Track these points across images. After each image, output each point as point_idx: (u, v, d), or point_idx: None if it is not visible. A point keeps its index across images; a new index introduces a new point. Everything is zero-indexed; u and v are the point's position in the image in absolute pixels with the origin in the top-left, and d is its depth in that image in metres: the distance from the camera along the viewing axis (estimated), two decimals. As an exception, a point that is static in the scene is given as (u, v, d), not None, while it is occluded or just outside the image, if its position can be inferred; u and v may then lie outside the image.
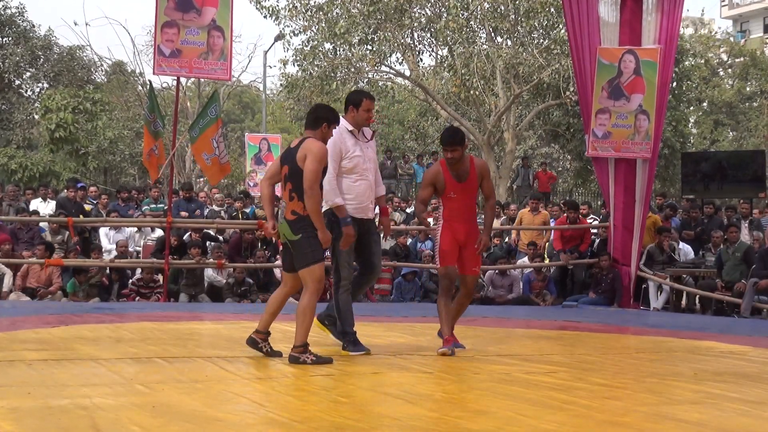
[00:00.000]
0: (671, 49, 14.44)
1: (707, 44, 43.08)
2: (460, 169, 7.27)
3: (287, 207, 6.45)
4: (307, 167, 6.32)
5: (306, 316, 6.46)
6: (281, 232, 6.52)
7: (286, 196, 6.49)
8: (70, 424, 4.11)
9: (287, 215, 6.44)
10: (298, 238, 6.39)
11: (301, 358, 6.34)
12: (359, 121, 7.30)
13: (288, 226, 6.43)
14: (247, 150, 25.09)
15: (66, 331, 8.32)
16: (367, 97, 7.39)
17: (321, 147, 6.43)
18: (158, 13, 12.75)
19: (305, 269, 6.43)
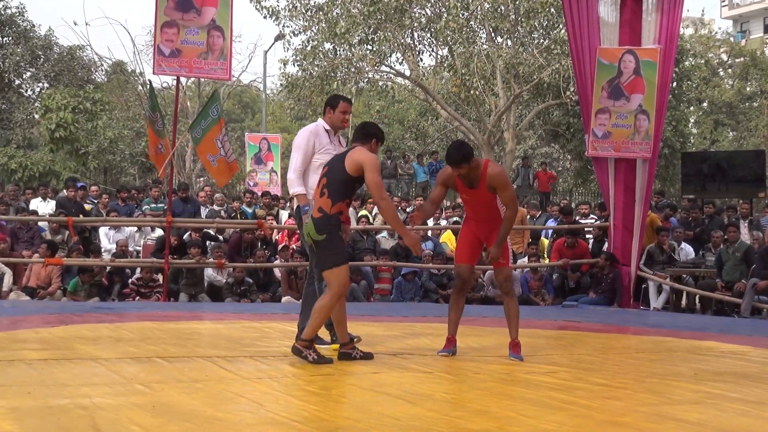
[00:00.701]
0: (671, 49, 14.44)
1: (707, 44, 43.12)
2: (472, 177, 7.06)
3: (316, 203, 6.43)
4: (371, 180, 6.38)
5: (321, 315, 6.40)
6: (306, 232, 6.48)
7: (317, 192, 6.48)
8: (70, 423, 4.11)
9: (314, 213, 6.42)
10: (323, 238, 6.37)
11: (304, 352, 6.34)
12: (335, 122, 7.57)
13: (313, 225, 6.40)
14: (247, 150, 25.07)
15: (66, 331, 8.31)
16: (344, 100, 7.67)
17: (374, 157, 6.52)
18: (158, 12, 12.75)
19: (329, 271, 6.40)
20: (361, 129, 6.82)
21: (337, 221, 6.39)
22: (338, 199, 6.41)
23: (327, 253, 6.40)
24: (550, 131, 30.27)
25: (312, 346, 6.41)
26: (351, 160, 6.41)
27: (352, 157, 6.43)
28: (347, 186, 6.44)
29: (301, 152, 7.49)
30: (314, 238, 6.39)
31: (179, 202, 15.93)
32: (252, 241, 15.05)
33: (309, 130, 7.59)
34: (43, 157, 28.83)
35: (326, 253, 6.40)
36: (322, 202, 6.41)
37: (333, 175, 6.45)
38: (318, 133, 7.56)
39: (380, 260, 15.00)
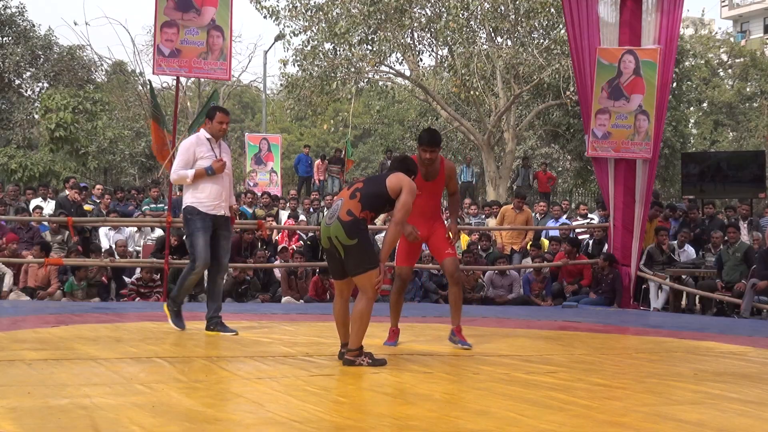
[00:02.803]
0: (671, 49, 14.45)
1: (707, 45, 43.14)
2: (431, 168, 7.50)
3: (345, 204, 6.35)
4: (403, 200, 6.40)
5: (362, 321, 6.35)
6: (332, 233, 6.33)
7: (347, 194, 6.43)
8: (69, 423, 4.11)
9: (342, 215, 6.30)
10: (354, 243, 6.28)
11: (357, 361, 6.29)
12: (214, 131, 8.55)
13: (342, 228, 6.29)
14: (247, 150, 25.08)
15: (66, 331, 8.31)
16: (221, 111, 8.67)
17: (414, 184, 6.53)
18: (158, 12, 12.74)
19: (363, 275, 6.34)
20: (404, 163, 6.80)
21: (365, 225, 6.36)
22: (367, 207, 6.37)
23: (358, 258, 6.33)
24: (550, 131, 30.27)
25: (362, 352, 6.36)
26: (395, 180, 6.44)
27: (398, 177, 6.48)
28: (380, 201, 6.43)
29: (183, 158, 8.49)
30: (344, 243, 6.28)
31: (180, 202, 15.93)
32: (252, 241, 15.05)
33: (191, 140, 8.57)
34: (43, 157, 28.82)
35: (358, 258, 6.33)
36: (352, 204, 6.33)
37: (370, 188, 6.46)
38: (199, 142, 8.51)
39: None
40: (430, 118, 32.84)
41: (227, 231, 8.70)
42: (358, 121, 39.89)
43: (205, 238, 8.38)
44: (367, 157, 45.98)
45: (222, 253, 8.59)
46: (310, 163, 25.38)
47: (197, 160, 8.42)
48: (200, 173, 8.38)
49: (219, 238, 8.54)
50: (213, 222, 8.45)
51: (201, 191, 8.43)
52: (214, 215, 8.45)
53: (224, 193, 8.55)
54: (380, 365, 6.31)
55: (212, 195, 8.45)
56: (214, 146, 8.51)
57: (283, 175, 26.50)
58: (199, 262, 8.39)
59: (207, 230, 8.40)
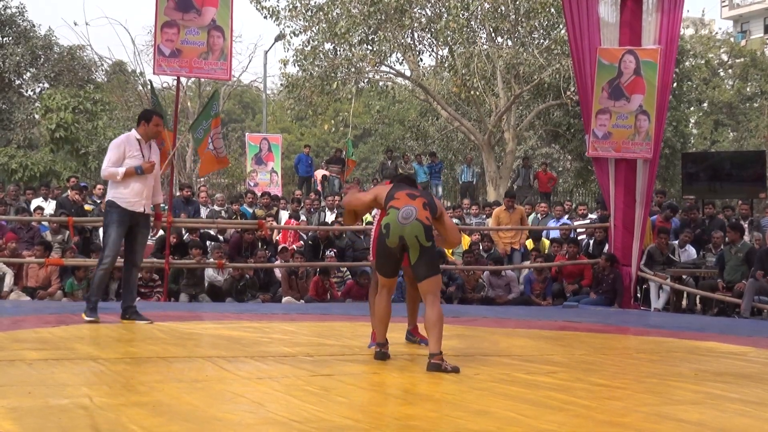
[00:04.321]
0: (672, 49, 14.45)
1: (707, 45, 43.11)
2: None
3: (420, 212, 6.46)
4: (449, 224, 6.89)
5: (441, 324, 6.43)
6: (412, 233, 6.40)
7: (420, 203, 6.55)
8: (70, 423, 4.11)
9: (422, 218, 6.44)
10: (430, 245, 6.43)
11: (443, 365, 6.25)
12: (149, 133, 9.13)
13: (423, 229, 6.41)
14: (248, 150, 25.05)
15: (66, 331, 8.31)
16: (157, 115, 9.37)
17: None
18: (158, 12, 12.74)
19: (432, 278, 6.47)
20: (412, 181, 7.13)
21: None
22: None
23: (431, 262, 6.47)
24: (550, 132, 30.26)
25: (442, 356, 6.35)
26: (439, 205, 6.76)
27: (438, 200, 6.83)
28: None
29: (114, 155, 8.91)
30: (423, 244, 6.38)
31: (180, 202, 15.93)
32: (252, 241, 15.06)
33: (122, 139, 9.08)
34: (44, 157, 28.78)
35: (430, 262, 6.47)
36: (426, 214, 6.49)
37: (430, 201, 6.66)
38: (130, 141, 9.01)
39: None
40: (431, 118, 32.84)
41: (146, 228, 9.26)
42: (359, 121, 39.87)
43: (118, 232, 8.93)
44: (368, 157, 45.97)
45: (137, 248, 9.20)
46: (311, 163, 25.36)
47: (126, 159, 8.89)
48: (130, 172, 8.85)
49: (137, 234, 9.11)
50: (131, 218, 8.96)
51: (124, 187, 8.90)
52: (133, 211, 8.94)
53: (146, 191, 9.04)
54: (456, 372, 6.23)
55: (134, 192, 8.93)
56: (143, 147, 9.03)
57: (284, 175, 26.48)
58: (107, 254, 8.97)
59: (122, 225, 8.91)
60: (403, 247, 6.47)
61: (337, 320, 10.40)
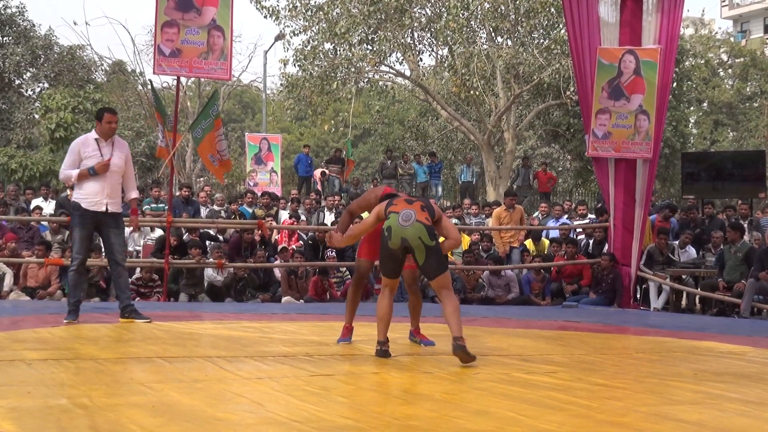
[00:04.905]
0: (672, 49, 14.46)
1: (707, 44, 43.09)
2: None
3: (419, 214, 6.71)
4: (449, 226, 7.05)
5: (459, 312, 6.76)
6: (415, 234, 6.65)
7: (418, 206, 6.80)
8: (69, 423, 4.11)
9: (422, 219, 6.69)
10: (434, 245, 6.67)
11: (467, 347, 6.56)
12: (103, 131, 9.03)
13: (426, 229, 6.65)
14: (248, 150, 25.05)
15: (66, 331, 8.32)
16: (108, 112, 9.16)
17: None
18: (158, 12, 12.74)
19: (444, 275, 6.76)
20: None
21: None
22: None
23: (439, 260, 6.73)
24: (550, 131, 30.25)
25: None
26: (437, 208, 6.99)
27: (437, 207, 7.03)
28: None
29: (70, 158, 8.97)
30: (427, 244, 6.61)
31: (180, 202, 15.93)
32: (252, 241, 15.06)
33: (79, 141, 9.09)
34: (44, 157, 28.77)
35: (438, 260, 6.73)
36: (425, 215, 6.75)
37: (428, 204, 6.92)
38: (86, 143, 9.01)
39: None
40: (430, 118, 32.83)
41: (116, 227, 9.22)
42: (358, 121, 39.90)
43: (82, 233, 9.01)
44: (368, 157, 45.97)
45: (115, 247, 9.18)
46: (310, 163, 25.35)
47: (83, 160, 8.92)
48: (83, 173, 8.88)
49: (109, 235, 9.15)
50: (97, 218, 9.00)
51: (83, 189, 8.95)
52: (95, 212, 8.97)
53: (107, 190, 9.01)
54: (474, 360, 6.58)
55: (92, 192, 8.95)
56: (102, 146, 9.00)
57: (284, 175, 26.47)
58: (75, 255, 9.12)
59: (85, 225, 8.98)
60: (405, 249, 6.68)
61: (337, 320, 10.37)
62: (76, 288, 9.17)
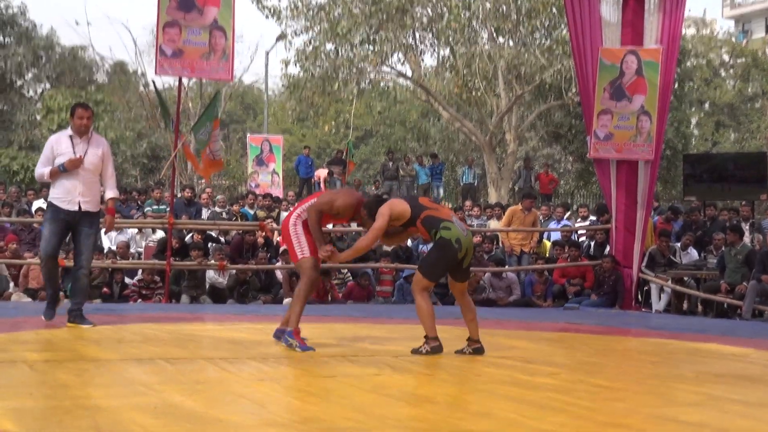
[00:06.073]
0: (673, 49, 14.44)
1: (709, 45, 43.05)
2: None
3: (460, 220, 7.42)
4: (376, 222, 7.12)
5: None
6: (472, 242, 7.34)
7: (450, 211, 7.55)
8: (71, 424, 4.11)
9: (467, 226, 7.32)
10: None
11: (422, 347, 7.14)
12: (76, 127, 8.80)
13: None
14: (249, 151, 25.08)
15: (67, 332, 8.33)
16: (80, 107, 8.95)
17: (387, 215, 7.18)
18: (160, 13, 12.75)
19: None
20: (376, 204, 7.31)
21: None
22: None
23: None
24: (551, 132, 30.26)
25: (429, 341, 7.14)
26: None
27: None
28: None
29: (44, 156, 8.80)
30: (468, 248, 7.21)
31: (182, 204, 15.93)
32: (254, 243, 15.06)
33: (53, 138, 8.93)
34: (45, 158, 28.83)
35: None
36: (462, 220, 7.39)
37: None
38: (60, 140, 8.80)
39: (381, 262, 14.98)
40: (432, 119, 32.85)
41: (89, 227, 8.92)
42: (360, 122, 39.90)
43: (50, 229, 8.79)
44: (369, 158, 45.92)
45: (82, 249, 8.91)
46: (311, 165, 25.37)
47: (56, 157, 8.70)
48: (54, 171, 8.68)
49: (79, 234, 8.88)
50: (69, 217, 8.76)
51: (56, 187, 8.75)
52: (68, 210, 8.73)
53: (80, 188, 8.75)
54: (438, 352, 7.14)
55: (65, 190, 8.72)
56: (76, 143, 8.74)
57: (285, 177, 26.49)
58: (40, 249, 9.02)
59: (54, 223, 8.76)
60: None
61: (338, 322, 10.40)
62: (47, 283, 9.19)
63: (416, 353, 7.09)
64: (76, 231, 8.87)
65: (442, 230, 7.05)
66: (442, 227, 7.07)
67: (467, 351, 7.31)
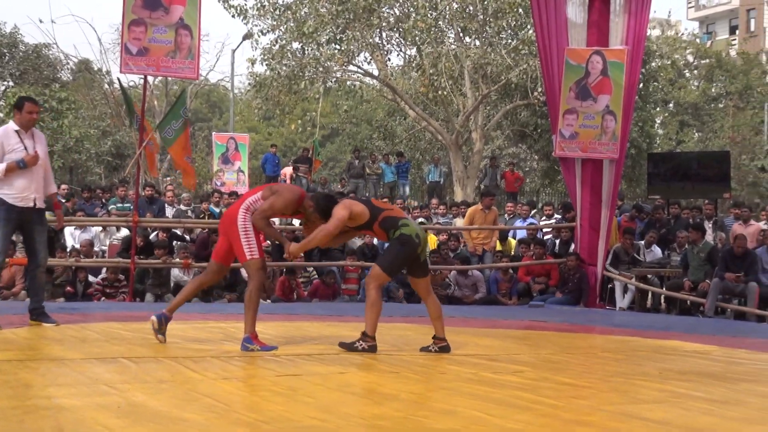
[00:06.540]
0: (639, 50, 14.54)
1: (674, 46, 43.36)
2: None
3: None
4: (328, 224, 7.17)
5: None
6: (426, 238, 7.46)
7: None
8: (33, 424, 4.08)
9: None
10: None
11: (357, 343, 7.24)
12: (24, 122, 8.50)
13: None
14: (215, 149, 25.00)
15: (30, 331, 8.25)
16: (30, 101, 8.66)
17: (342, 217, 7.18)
18: (125, 11, 12.68)
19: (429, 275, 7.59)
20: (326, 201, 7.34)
21: None
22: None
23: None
24: (517, 131, 30.37)
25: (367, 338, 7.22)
26: None
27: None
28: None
29: None
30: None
31: (144, 201, 15.83)
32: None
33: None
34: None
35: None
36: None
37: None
38: (8, 134, 8.45)
39: (347, 260, 14.96)
40: (398, 117, 32.85)
41: (41, 224, 8.76)
42: (326, 121, 39.87)
43: (5, 230, 8.50)
44: (335, 157, 45.94)
45: (38, 246, 8.74)
46: (277, 163, 25.31)
47: (6, 153, 8.38)
48: (12, 167, 8.35)
49: (33, 232, 8.68)
50: (22, 215, 8.53)
51: (9, 184, 8.41)
52: (22, 207, 8.50)
53: (34, 185, 8.57)
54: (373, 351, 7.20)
55: (20, 187, 8.46)
56: (24, 137, 8.49)
57: (251, 175, 26.41)
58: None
59: (9, 222, 8.49)
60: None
61: (304, 320, 10.39)
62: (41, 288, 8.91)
63: (349, 348, 7.15)
64: (28, 229, 8.66)
65: (402, 227, 7.17)
66: (401, 224, 7.20)
67: (433, 349, 7.34)
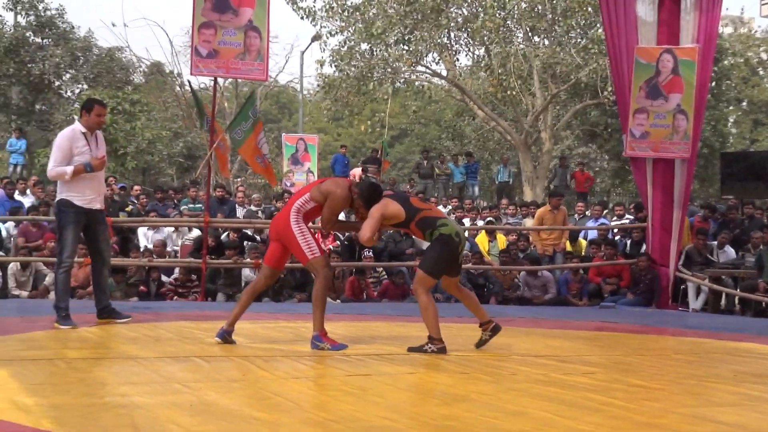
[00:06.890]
0: (710, 48, 14.33)
1: (747, 43, 42.65)
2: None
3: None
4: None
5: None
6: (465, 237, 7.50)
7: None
8: (109, 422, 4.15)
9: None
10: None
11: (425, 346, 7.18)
12: (91, 124, 8.53)
13: None
14: (284, 150, 25.11)
15: (105, 330, 8.39)
16: (99, 104, 8.69)
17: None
18: (195, 13, 12.82)
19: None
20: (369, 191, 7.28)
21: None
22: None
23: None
24: (587, 131, 30.13)
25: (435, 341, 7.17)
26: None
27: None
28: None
29: (61, 153, 8.39)
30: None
31: (215, 203, 16.01)
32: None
33: (66, 135, 8.46)
34: (83, 158, 29.04)
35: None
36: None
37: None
38: (76, 137, 8.44)
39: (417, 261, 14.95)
40: (467, 118, 32.79)
41: (103, 224, 8.89)
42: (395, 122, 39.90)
43: (75, 232, 8.58)
44: (404, 157, 45.97)
45: (103, 246, 8.87)
46: (347, 163, 25.37)
47: (74, 156, 8.40)
48: (79, 170, 8.38)
49: (97, 232, 8.77)
50: (87, 218, 8.60)
51: (77, 186, 8.48)
52: (88, 210, 8.58)
53: (100, 187, 8.78)
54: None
55: (89, 190, 8.55)
56: (90, 140, 8.52)
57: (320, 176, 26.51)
58: (67, 255, 8.59)
59: (79, 224, 8.56)
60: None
61: (373, 320, 10.42)
62: (66, 291, 8.68)
63: (418, 351, 7.12)
64: (93, 230, 8.74)
65: (441, 227, 7.10)
66: (440, 224, 7.12)
67: (486, 337, 7.44)
